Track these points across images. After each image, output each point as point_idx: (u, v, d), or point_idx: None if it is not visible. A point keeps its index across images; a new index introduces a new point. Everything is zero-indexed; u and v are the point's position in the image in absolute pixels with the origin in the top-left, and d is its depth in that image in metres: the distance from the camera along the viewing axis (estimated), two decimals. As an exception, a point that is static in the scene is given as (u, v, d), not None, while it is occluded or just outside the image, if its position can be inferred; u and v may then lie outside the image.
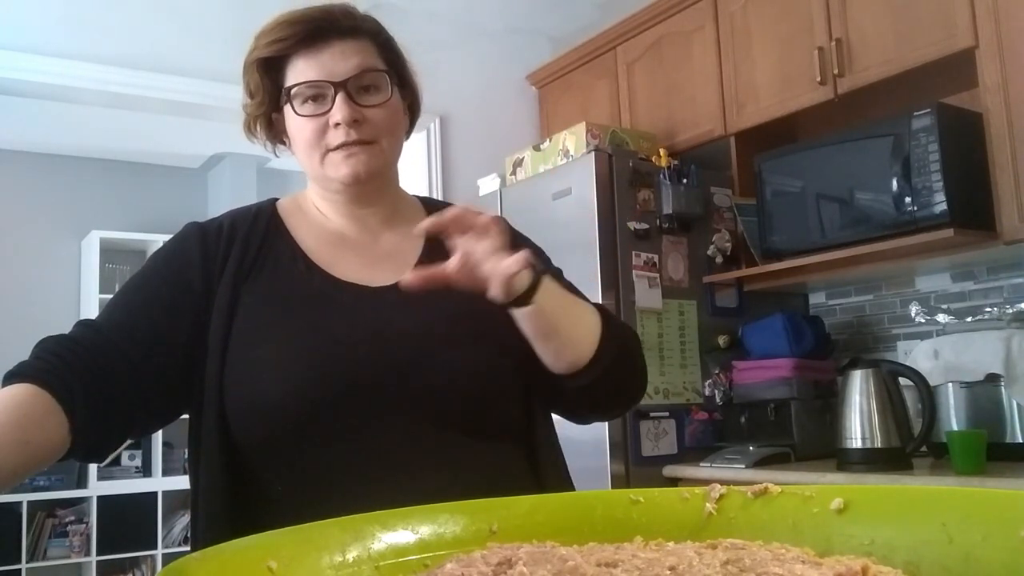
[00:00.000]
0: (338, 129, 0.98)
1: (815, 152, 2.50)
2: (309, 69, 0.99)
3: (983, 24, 2.18)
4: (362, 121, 0.99)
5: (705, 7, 2.93)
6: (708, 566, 0.49)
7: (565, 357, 0.97)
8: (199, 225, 1.05)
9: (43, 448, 0.81)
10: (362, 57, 1.00)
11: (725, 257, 2.79)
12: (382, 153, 1.02)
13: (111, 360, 0.90)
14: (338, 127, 0.98)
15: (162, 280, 0.99)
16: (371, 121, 1.00)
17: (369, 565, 0.56)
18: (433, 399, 0.95)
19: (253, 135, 1.09)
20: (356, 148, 0.99)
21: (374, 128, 1.00)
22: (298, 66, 1.00)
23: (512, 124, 3.63)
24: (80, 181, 5.36)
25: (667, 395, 2.64)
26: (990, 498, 0.51)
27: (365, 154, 1.00)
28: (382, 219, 1.08)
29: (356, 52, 1.00)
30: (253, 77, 1.03)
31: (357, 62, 1.00)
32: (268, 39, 1.00)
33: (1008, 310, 2.30)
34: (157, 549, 4.89)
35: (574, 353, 0.97)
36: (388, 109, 1.02)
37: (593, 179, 2.61)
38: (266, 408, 0.92)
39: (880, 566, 0.49)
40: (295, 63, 1.00)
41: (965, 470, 1.97)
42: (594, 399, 1.03)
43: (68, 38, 2.84)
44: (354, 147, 0.99)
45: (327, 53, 0.99)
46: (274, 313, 0.98)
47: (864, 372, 2.20)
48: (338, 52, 0.99)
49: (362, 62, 1.00)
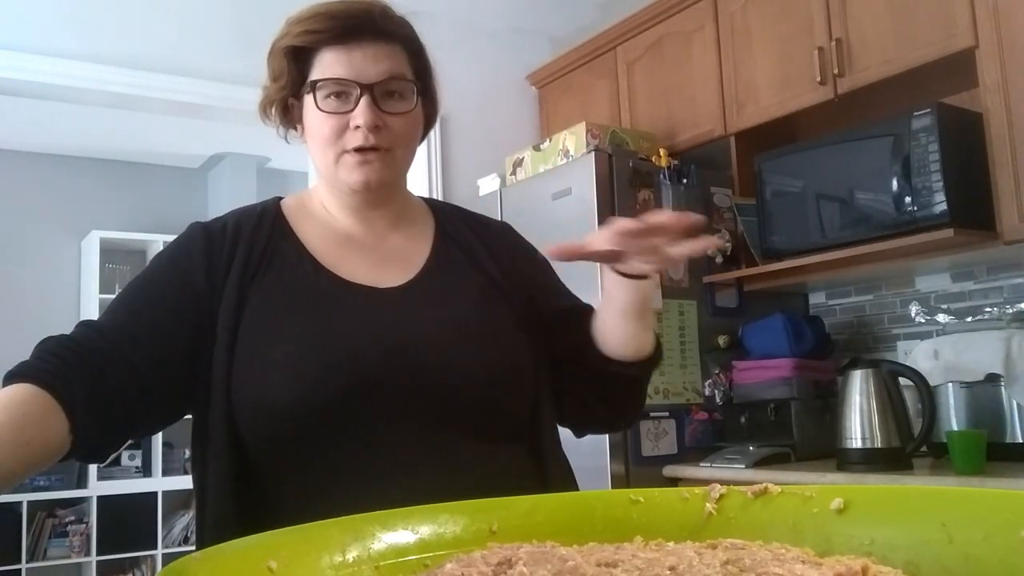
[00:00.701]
0: (358, 132, 0.98)
1: (815, 152, 2.50)
2: (338, 65, 0.98)
3: (983, 24, 2.18)
4: (382, 128, 0.99)
5: (705, 7, 2.93)
6: (708, 566, 0.49)
7: (637, 341, 1.02)
8: (203, 225, 1.04)
9: (43, 449, 0.81)
10: (392, 63, 1.00)
11: (725, 257, 2.79)
12: (395, 163, 1.02)
13: (112, 361, 0.90)
14: (358, 129, 0.98)
15: (165, 282, 0.99)
16: (391, 129, 0.99)
17: (369, 565, 0.56)
18: (441, 401, 0.95)
19: (267, 116, 1.08)
20: (372, 155, 0.99)
21: (393, 136, 1.00)
22: (327, 60, 0.99)
23: (512, 124, 3.63)
24: (80, 181, 5.36)
25: (667, 395, 2.64)
26: (990, 498, 0.51)
27: (379, 163, 1.00)
28: (389, 221, 1.08)
29: (387, 56, 0.99)
30: (279, 62, 1.02)
31: (387, 67, 0.99)
32: (302, 28, 0.99)
33: (1008, 310, 2.30)
34: (157, 549, 4.88)
35: (643, 340, 1.02)
36: (409, 119, 1.01)
37: (593, 179, 2.61)
38: (274, 409, 0.92)
39: (880, 566, 0.49)
40: (324, 55, 0.99)
41: (965, 470, 1.97)
42: (629, 397, 1.08)
43: (68, 38, 2.84)
44: (370, 153, 0.99)
45: (359, 52, 0.98)
46: (281, 314, 0.97)
47: (864, 372, 2.20)
48: (370, 53, 0.98)
49: (392, 68, 0.99)
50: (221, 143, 5.27)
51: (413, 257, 1.06)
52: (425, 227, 1.11)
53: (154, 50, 2.97)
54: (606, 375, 1.04)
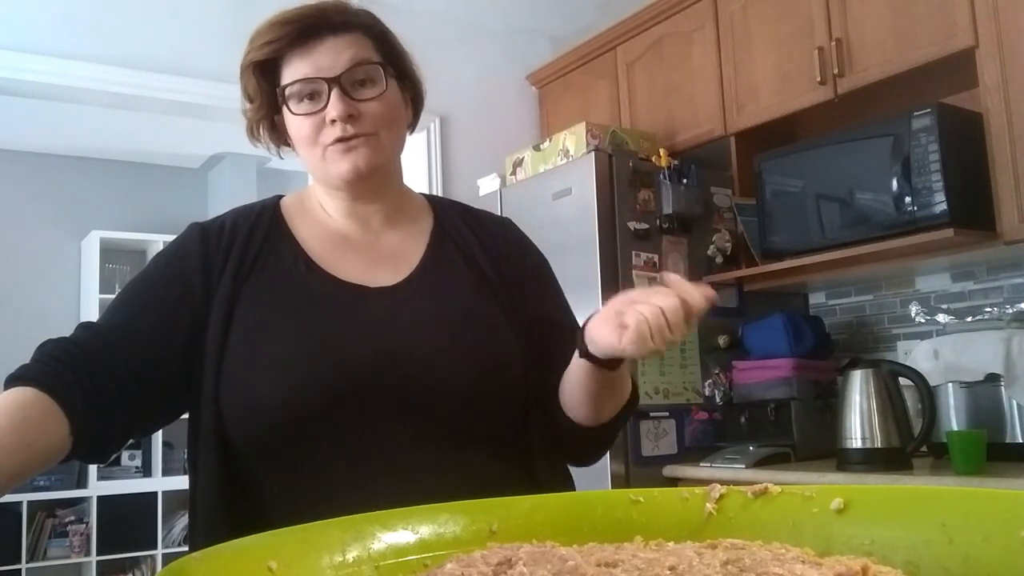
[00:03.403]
0: (334, 125, 0.98)
1: (815, 152, 2.50)
2: (302, 66, 0.98)
3: (983, 24, 2.18)
4: (357, 116, 0.98)
5: (705, 7, 2.93)
6: (708, 566, 0.49)
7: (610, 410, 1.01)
8: (201, 225, 1.04)
9: (44, 451, 0.81)
10: (355, 51, 0.99)
11: (725, 257, 2.79)
12: (381, 146, 1.01)
13: (111, 363, 0.90)
14: (334, 123, 0.98)
15: (162, 283, 0.99)
16: (367, 115, 0.99)
17: (369, 565, 0.56)
18: (429, 402, 0.95)
19: (257, 139, 1.08)
20: (355, 142, 0.99)
21: (371, 122, 0.99)
22: (292, 65, 0.99)
23: (512, 124, 3.63)
24: (80, 181, 5.36)
25: (667, 395, 2.64)
26: (990, 498, 0.51)
27: (365, 147, 0.99)
28: (385, 217, 1.07)
29: (349, 46, 0.99)
30: (250, 81, 1.03)
31: (349, 56, 0.99)
32: (261, 41, 1.00)
33: (1008, 310, 2.30)
34: (157, 549, 4.88)
35: (616, 403, 1.01)
36: (384, 102, 1.01)
37: (593, 179, 2.61)
38: (262, 410, 0.92)
39: (880, 566, 0.49)
40: (289, 62, 1.00)
41: (965, 470, 1.97)
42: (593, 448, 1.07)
43: (68, 38, 2.84)
44: (352, 140, 0.98)
45: (319, 50, 0.98)
46: (272, 313, 0.97)
47: (864, 372, 2.20)
48: (331, 48, 0.98)
49: (354, 55, 0.99)
50: (221, 143, 5.27)
51: (408, 256, 1.06)
52: (423, 225, 1.10)
53: (154, 50, 2.97)
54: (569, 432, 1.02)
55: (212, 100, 3.02)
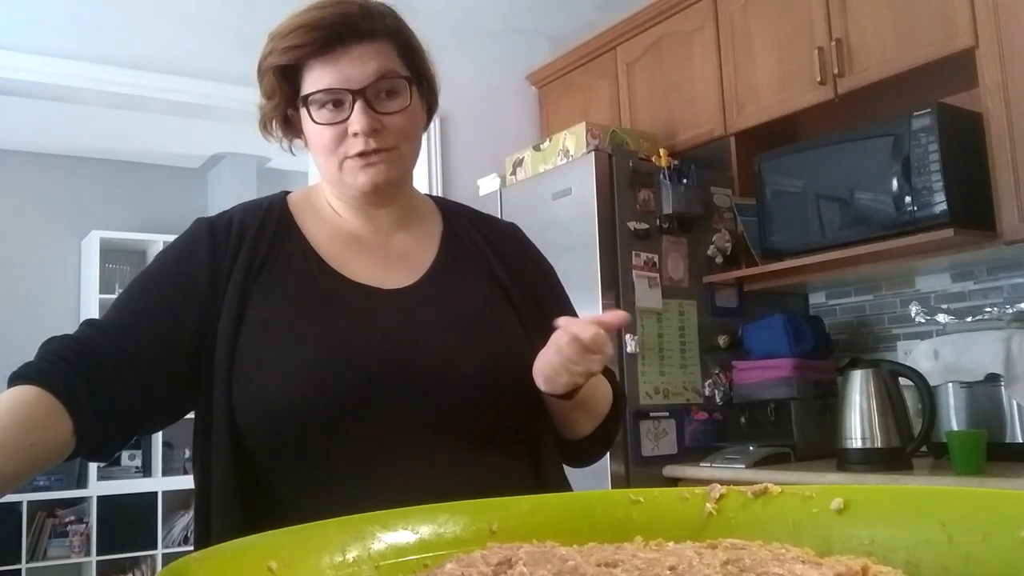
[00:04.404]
0: (356, 138, 0.97)
1: (815, 152, 2.50)
2: (327, 75, 0.96)
3: (983, 24, 2.18)
4: (381, 130, 0.97)
5: (705, 7, 2.93)
6: (708, 566, 0.49)
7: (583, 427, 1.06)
8: (208, 221, 1.03)
9: (47, 450, 0.81)
10: (380, 61, 0.97)
11: (725, 257, 2.79)
12: (401, 159, 1.01)
13: (115, 361, 0.90)
14: (357, 136, 0.96)
15: (168, 281, 0.98)
16: (390, 129, 0.98)
17: (369, 565, 0.56)
18: (441, 404, 0.95)
19: (269, 133, 1.07)
20: (375, 156, 0.98)
21: (394, 136, 0.98)
22: (315, 72, 0.97)
23: (512, 124, 3.63)
24: (80, 181, 5.36)
25: (667, 395, 2.64)
26: (990, 498, 0.51)
27: (384, 163, 0.98)
28: (396, 219, 1.07)
29: (374, 56, 0.97)
30: (269, 81, 1.01)
31: (376, 67, 0.97)
32: (284, 44, 0.97)
33: (1008, 310, 2.30)
34: (157, 549, 4.88)
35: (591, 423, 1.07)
36: (407, 115, 1.00)
37: (593, 179, 2.61)
38: (275, 410, 0.92)
39: (880, 566, 0.49)
40: (312, 68, 0.98)
41: (965, 470, 1.97)
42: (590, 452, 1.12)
43: (68, 38, 2.84)
44: (373, 156, 0.98)
45: (345, 59, 0.96)
46: (285, 313, 0.96)
47: (864, 372, 2.20)
48: (356, 57, 0.96)
49: (381, 67, 0.97)
50: (221, 143, 5.27)
51: (419, 258, 1.05)
52: (433, 227, 1.10)
53: (154, 50, 2.97)
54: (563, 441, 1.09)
55: (212, 100, 3.02)
